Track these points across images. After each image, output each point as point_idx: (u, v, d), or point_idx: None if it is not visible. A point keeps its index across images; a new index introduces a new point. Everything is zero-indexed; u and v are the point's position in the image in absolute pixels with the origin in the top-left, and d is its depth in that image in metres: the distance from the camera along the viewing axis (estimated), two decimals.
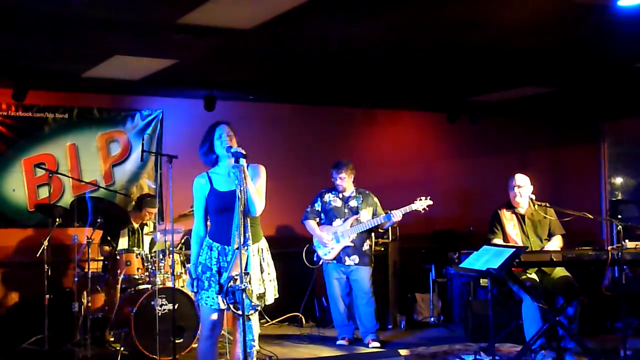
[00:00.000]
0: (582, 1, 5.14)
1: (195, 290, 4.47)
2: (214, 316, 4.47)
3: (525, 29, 5.88)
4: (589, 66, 7.34)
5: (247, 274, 4.21)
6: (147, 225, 7.33)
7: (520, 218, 6.36)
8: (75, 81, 7.39)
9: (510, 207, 6.43)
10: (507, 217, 6.39)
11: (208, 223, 4.62)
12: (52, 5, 5.04)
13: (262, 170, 4.56)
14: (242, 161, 4.29)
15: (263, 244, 4.55)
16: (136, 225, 7.22)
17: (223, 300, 4.33)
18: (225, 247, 4.42)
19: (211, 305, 4.41)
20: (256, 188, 4.43)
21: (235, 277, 4.19)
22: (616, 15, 5.38)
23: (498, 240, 6.31)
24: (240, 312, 4.14)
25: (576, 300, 6.05)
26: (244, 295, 4.11)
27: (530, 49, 6.52)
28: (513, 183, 6.38)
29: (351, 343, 7.12)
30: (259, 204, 4.42)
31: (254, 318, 4.49)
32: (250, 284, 4.24)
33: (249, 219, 4.28)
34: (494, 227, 6.41)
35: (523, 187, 6.33)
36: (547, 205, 6.34)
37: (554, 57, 6.91)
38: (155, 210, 7.35)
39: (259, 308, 4.44)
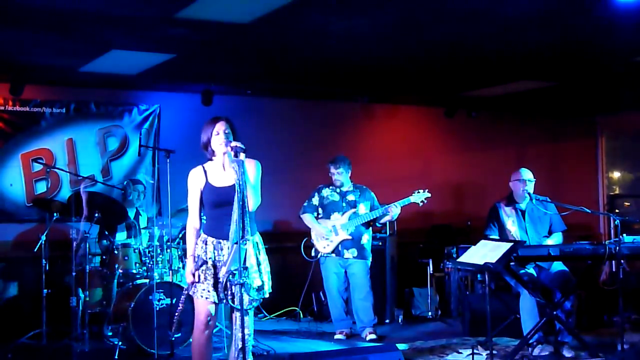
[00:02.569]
0: None
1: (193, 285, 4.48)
2: (209, 309, 4.48)
3: (523, 24, 5.88)
4: (587, 60, 7.34)
5: (245, 268, 4.22)
6: (141, 215, 7.34)
7: (521, 213, 6.34)
8: (73, 76, 7.38)
9: (511, 202, 6.40)
10: (507, 212, 6.36)
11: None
12: (49, 0, 5.02)
13: (258, 165, 4.58)
14: (242, 155, 4.30)
15: (258, 237, 4.57)
16: (132, 216, 7.22)
17: (224, 294, 4.34)
18: (221, 241, 4.43)
19: (206, 298, 4.42)
20: (252, 183, 4.46)
21: (234, 272, 4.20)
22: (614, 9, 5.37)
23: (494, 236, 6.29)
24: (238, 306, 4.14)
25: (573, 295, 6.05)
26: (242, 290, 4.12)
27: (528, 43, 6.52)
28: (519, 176, 6.34)
29: (349, 337, 7.12)
30: (256, 199, 4.45)
31: (250, 313, 4.51)
32: (248, 278, 4.26)
33: (241, 214, 4.28)
34: (491, 223, 6.40)
35: (529, 182, 6.30)
36: (548, 200, 6.33)
37: (551, 52, 6.91)
38: (142, 189, 7.38)
39: (256, 303, 4.45)
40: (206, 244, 4.47)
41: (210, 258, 4.43)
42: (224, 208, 4.37)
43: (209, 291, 4.42)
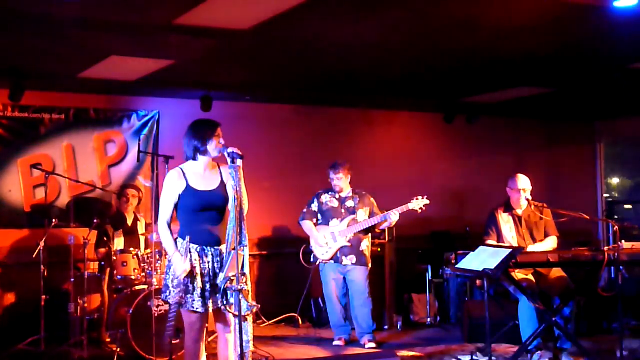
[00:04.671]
0: (578, 2, 5.15)
1: (180, 297, 4.40)
2: (202, 319, 4.46)
3: (520, 30, 5.88)
4: (585, 67, 7.35)
5: (243, 274, 4.21)
6: (139, 221, 7.33)
7: (518, 220, 6.34)
8: (72, 82, 7.38)
9: (509, 208, 6.41)
10: (504, 219, 6.37)
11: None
12: (48, 6, 5.03)
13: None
14: (239, 162, 4.31)
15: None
16: (130, 222, 7.20)
17: (221, 302, 4.34)
18: (205, 248, 4.42)
19: (197, 309, 4.40)
20: None
21: (232, 278, 4.20)
22: (612, 16, 5.38)
23: (492, 242, 6.30)
24: (236, 313, 4.14)
25: (572, 301, 6.05)
26: (240, 296, 4.11)
27: (526, 49, 6.52)
28: (516, 185, 6.34)
29: (348, 344, 7.12)
30: (247, 206, 4.47)
31: (249, 319, 4.49)
32: (246, 284, 4.25)
33: (237, 220, 4.27)
34: (489, 229, 6.40)
35: (527, 189, 6.31)
36: (545, 205, 6.33)
37: (550, 58, 6.92)
38: (137, 194, 7.34)
39: (255, 309, 4.43)
40: (190, 252, 4.42)
41: (197, 267, 4.41)
42: (206, 213, 4.38)
43: (198, 302, 4.39)
